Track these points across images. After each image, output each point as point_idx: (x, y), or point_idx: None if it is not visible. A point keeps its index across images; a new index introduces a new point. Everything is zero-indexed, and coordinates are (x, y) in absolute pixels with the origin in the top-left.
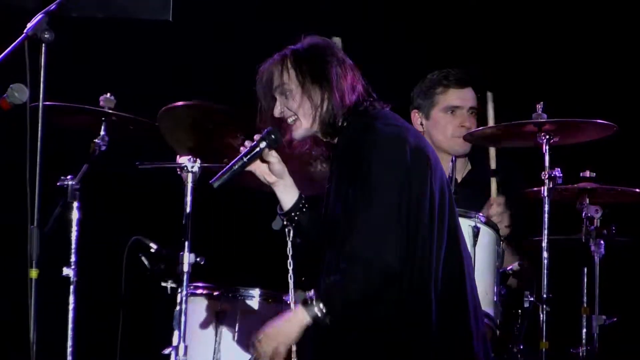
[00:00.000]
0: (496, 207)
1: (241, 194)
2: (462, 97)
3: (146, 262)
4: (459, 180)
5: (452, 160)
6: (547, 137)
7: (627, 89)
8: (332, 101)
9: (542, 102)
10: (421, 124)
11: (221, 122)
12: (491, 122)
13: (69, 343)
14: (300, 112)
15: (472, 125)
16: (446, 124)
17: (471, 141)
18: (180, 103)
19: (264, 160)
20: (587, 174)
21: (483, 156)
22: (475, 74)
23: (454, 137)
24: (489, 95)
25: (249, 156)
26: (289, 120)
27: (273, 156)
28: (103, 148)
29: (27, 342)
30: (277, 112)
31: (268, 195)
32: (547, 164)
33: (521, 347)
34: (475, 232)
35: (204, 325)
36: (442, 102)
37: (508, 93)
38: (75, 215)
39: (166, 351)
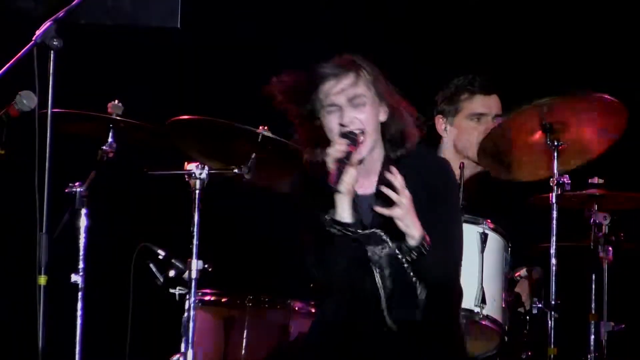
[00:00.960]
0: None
1: (248, 200)
2: (487, 104)
3: (154, 269)
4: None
5: (460, 167)
6: (556, 143)
7: (635, 94)
8: (397, 122)
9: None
10: (445, 130)
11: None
12: None
13: (77, 349)
14: (369, 127)
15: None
16: (472, 130)
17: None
18: (184, 117)
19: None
20: (596, 180)
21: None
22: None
23: (480, 143)
24: None
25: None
26: (356, 132)
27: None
28: (111, 155)
29: (36, 348)
30: (346, 121)
31: (275, 202)
32: (555, 170)
33: (529, 353)
34: (483, 239)
35: (212, 332)
36: (467, 108)
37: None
38: (83, 222)
39: (174, 358)
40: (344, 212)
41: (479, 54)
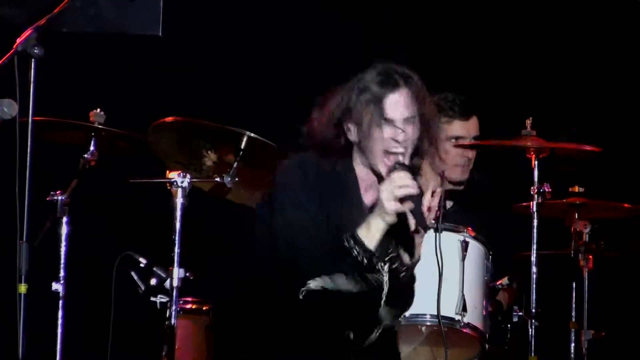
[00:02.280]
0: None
1: (229, 208)
2: (466, 128)
3: (136, 277)
4: (448, 194)
5: (440, 175)
6: (537, 152)
7: (616, 103)
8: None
9: (531, 118)
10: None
11: (210, 138)
12: None
13: (58, 358)
14: (410, 146)
15: (473, 154)
16: (449, 151)
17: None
18: (169, 119)
19: None
20: (576, 189)
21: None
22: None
23: (455, 165)
24: None
25: None
26: (398, 151)
27: None
28: (93, 163)
29: (16, 357)
30: (401, 138)
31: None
32: (536, 179)
33: None
34: (464, 247)
35: (194, 340)
36: (446, 131)
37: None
38: (64, 230)
39: None
40: (374, 239)
41: (466, 71)
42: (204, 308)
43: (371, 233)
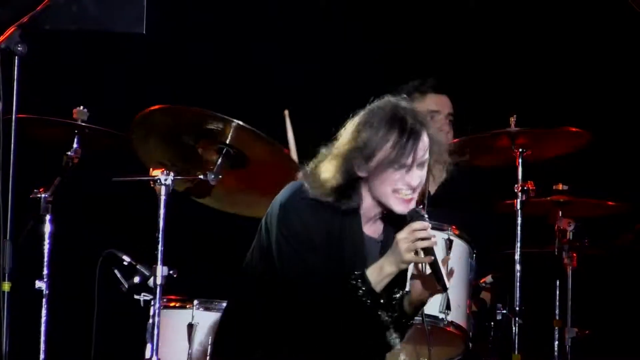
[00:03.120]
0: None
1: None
2: (439, 102)
3: (119, 275)
4: (432, 192)
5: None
6: (521, 150)
7: (600, 101)
8: None
9: (515, 115)
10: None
11: (195, 130)
12: (292, 142)
13: (41, 356)
14: (419, 190)
15: (449, 131)
16: None
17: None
18: (155, 107)
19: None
20: (560, 187)
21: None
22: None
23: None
24: (286, 113)
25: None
26: (410, 195)
27: None
28: (76, 161)
29: (0, 355)
30: (416, 183)
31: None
32: (520, 177)
33: (494, 359)
34: (448, 245)
35: (177, 338)
36: (420, 108)
37: (480, 107)
38: (47, 228)
39: None
40: (383, 283)
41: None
42: (187, 306)
43: (381, 277)
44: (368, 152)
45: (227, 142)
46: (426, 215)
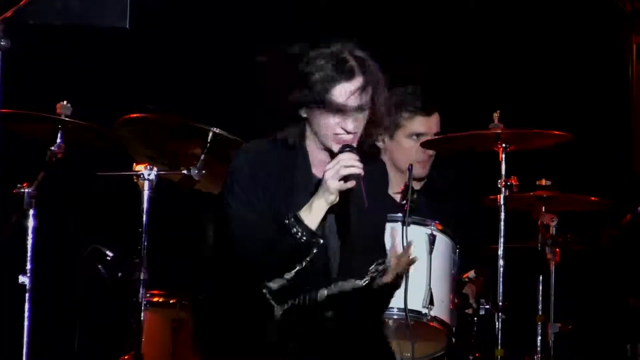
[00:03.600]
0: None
1: (198, 202)
2: (428, 124)
3: (102, 270)
4: (416, 189)
5: (409, 169)
6: (504, 145)
7: (582, 97)
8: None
9: (498, 111)
10: (383, 141)
11: (177, 133)
12: None
13: (24, 351)
14: (359, 134)
15: (434, 151)
16: (410, 148)
17: (428, 147)
18: (135, 115)
19: None
20: (543, 182)
21: (442, 168)
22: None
23: (417, 161)
24: None
25: None
26: (349, 138)
27: None
28: (59, 156)
29: None
30: (351, 127)
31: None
32: (503, 172)
33: (477, 354)
34: (432, 240)
35: (160, 333)
36: (407, 127)
37: (464, 102)
38: (31, 222)
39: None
40: (315, 219)
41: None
42: (171, 301)
43: (312, 213)
44: (303, 86)
45: (209, 140)
46: (354, 147)
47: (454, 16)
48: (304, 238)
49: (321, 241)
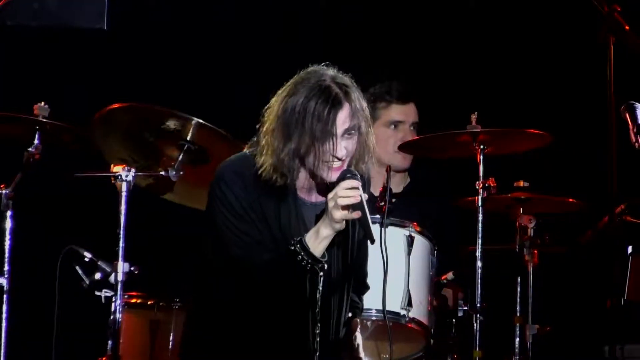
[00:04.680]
0: None
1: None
2: (404, 112)
3: (80, 271)
4: (397, 192)
5: (387, 170)
6: (482, 147)
7: (560, 99)
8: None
9: (476, 113)
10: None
11: (156, 128)
12: None
13: (2, 352)
14: (348, 159)
15: (414, 138)
16: (388, 138)
17: (407, 151)
18: (115, 105)
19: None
20: (521, 183)
21: (423, 170)
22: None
23: (396, 151)
24: None
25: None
26: (339, 164)
27: None
28: (37, 157)
29: None
30: (342, 154)
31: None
32: (481, 173)
33: (455, 356)
34: (410, 242)
35: (139, 334)
36: (384, 116)
37: (442, 103)
38: (8, 224)
39: None
40: (321, 247)
41: (413, 63)
42: (148, 302)
43: (318, 240)
44: (293, 125)
45: (188, 138)
46: (357, 175)
47: (433, 17)
48: (309, 265)
49: (325, 267)
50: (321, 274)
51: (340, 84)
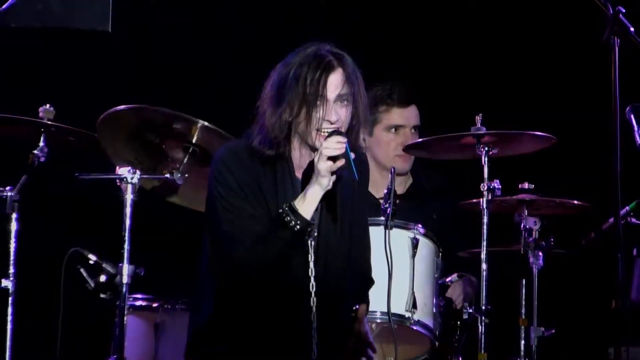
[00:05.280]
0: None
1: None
2: (405, 116)
3: (85, 274)
4: (400, 193)
5: (390, 172)
6: (486, 149)
7: (565, 101)
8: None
9: (480, 114)
10: (363, 140)
11: (161, 130)
12: None
13: (7, 354)
14: (344, 127)
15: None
16: (389, 141)
17: (411, 153)
18: (120, 107)
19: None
20: (526, 185)
21: (426, 171)
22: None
23: (397, 155)
24: None
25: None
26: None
27: None
28: (42, 159)
29: None
30: (335, 118)
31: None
32: (486, 175)
33: (460, 358)
34: (415, 244)
35: (143, 337)
36: (385, 120)
37: (447, 105)
38: (13, 226)
39: None
40: (310, 208)
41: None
42: (153, 305)
43: (307, 202)
44: (285, 90)
45: (193, 141)
46: (343, 133)
47: (436, 18)
48: (298, 226)
49: (316, 231)
50: (311, 239)
51: (335, 52)
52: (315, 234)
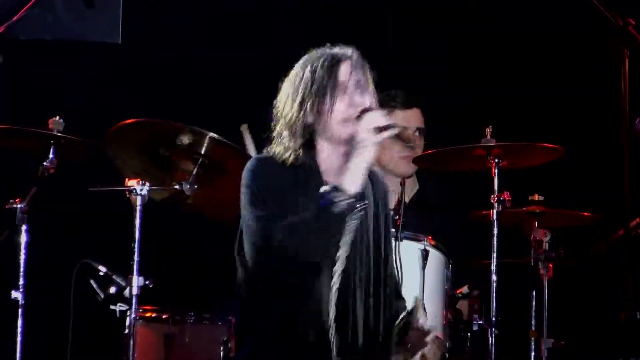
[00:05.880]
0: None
1: (189, 217)
2: (408, 118)
3: (95, 285)
4: (407, 201)
5: (401, 184)
6: (496, 160)
7: (574, 112)
8: None
9: (491, 127)
10: None
11: (170, 143)
12: (252, 153)
13: None
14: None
15: (420, 144)
16: (392, 144)
17: (421, 165)
18: (129, 121)
19: None
20: (536, 197)
21: (433, 181)
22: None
23: (400, 158)
24: (244, 127)
25: None
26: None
27: None
28: (52, 171)
29: None
30: (359, 101)
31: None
32: (496, 187)
33: None
34: (424, 255)
35: (153, 348)
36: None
37: (457, 117)
38: (23, 238)
39: None
40: (356, 181)
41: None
42: (163, 316)
43: (351, 175)
44: (301, 92)
45: (202, 152)
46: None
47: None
48: (346, 202)
49: (365, 202)
50: (356, 218)
51: (341, 46)
52: (363, 213)
